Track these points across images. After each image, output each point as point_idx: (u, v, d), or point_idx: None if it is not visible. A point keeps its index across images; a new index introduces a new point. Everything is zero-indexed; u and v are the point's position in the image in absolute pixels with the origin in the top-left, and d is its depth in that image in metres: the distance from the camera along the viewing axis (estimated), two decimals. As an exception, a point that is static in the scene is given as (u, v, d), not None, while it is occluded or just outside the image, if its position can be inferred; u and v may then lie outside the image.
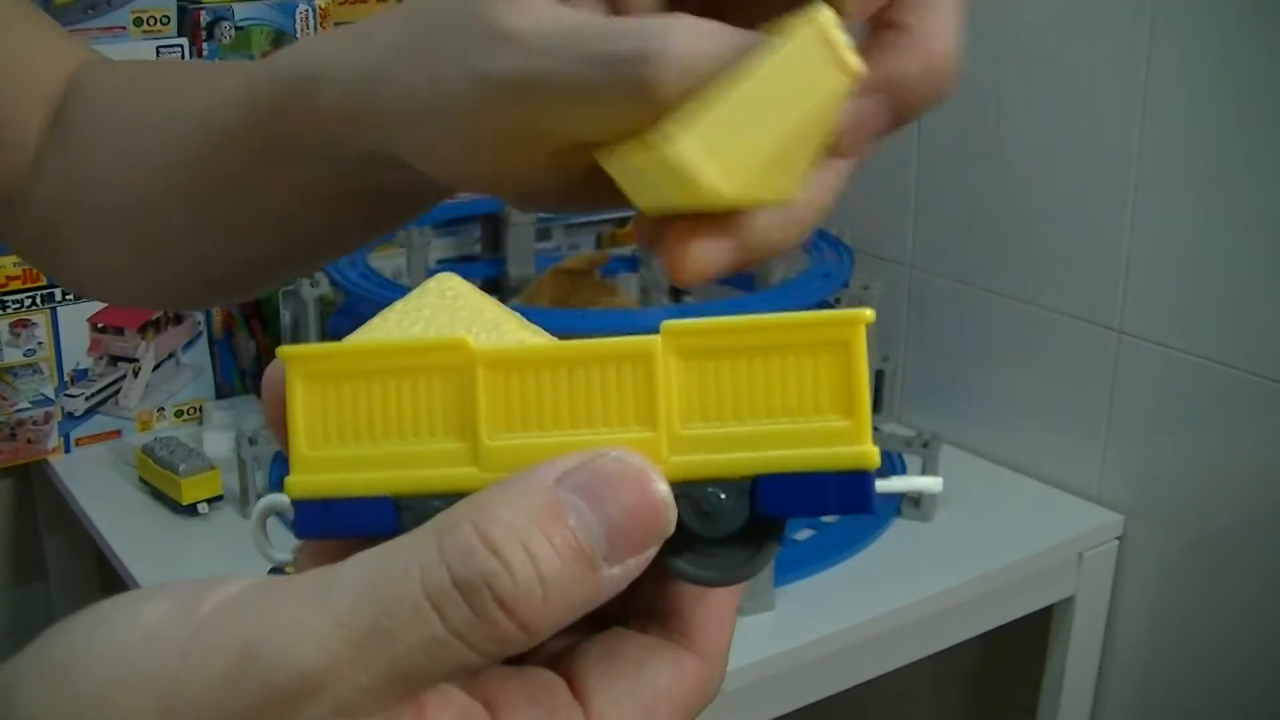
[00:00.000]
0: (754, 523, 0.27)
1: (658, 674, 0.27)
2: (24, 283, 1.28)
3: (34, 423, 1.32)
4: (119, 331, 1.35)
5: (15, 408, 1.30)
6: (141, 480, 1.23)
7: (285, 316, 1.43)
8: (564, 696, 0.26)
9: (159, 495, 1.21)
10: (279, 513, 0.29)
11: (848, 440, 0.26)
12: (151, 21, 1.28)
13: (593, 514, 0.24)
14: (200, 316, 1.40)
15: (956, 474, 1.24)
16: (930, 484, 0.29)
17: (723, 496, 0.26)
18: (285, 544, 0.30)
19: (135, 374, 1.37)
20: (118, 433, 1.36)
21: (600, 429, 0.27)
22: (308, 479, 0.27)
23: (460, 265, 1.53)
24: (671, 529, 0.25)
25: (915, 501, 1.19)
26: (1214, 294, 1.08)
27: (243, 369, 1.43)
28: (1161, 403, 1.14)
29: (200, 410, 1.40)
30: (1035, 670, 1.24)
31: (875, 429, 1.21)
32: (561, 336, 0.28)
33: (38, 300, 1.29)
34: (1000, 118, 1.23)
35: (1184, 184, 1.09)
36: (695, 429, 0.27)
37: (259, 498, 1.19)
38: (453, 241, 1.55)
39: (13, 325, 1.29)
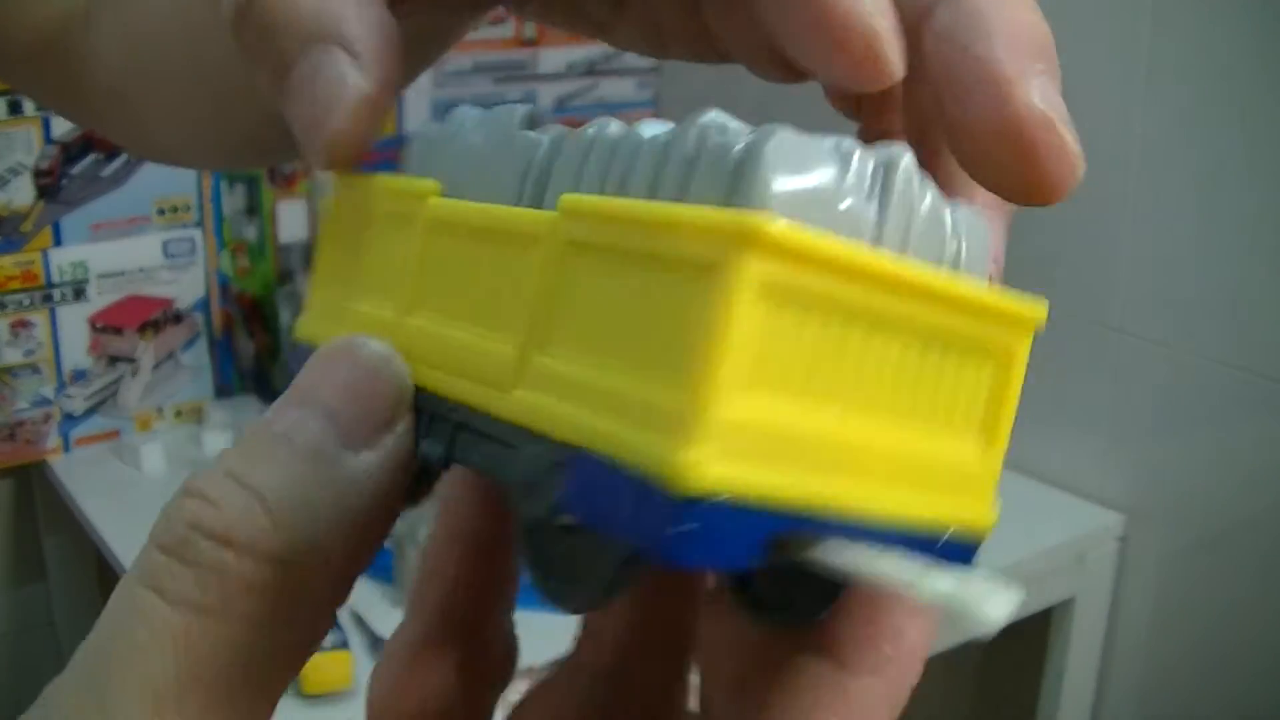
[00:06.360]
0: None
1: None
2: (24, 283, 1.28)
3: (33, 423, 1.32)
4: (118, 331, 1.35)
5: (15, 408, 1.30)
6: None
7: (285, 316, 1.43)
8: None
9: (158, 495, 1.21)
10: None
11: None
12: (151, 21, 1.28)
13: (302, 411, 0.20)
14: (200, 317, 1.40)
15: (956, 474, 1.23)
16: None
17: None
18: None
19: (134, 374, 1.37)
20: (117, 433, 1.36)
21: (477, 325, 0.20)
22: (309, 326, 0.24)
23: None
24: (404, 385, 0.20)
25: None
26: (1214, 294, 1.08)
27: (242, 369, 1.43)
28: (1161, 403, 1.14)
29: (200, 410, 1.40)
30: (1035, 670, 1.24)
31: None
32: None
33: (37, 300, 1.29)
34: (1000, 117, 1.23)
35: (1184, 184, 1.09)
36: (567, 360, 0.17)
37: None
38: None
39: (13, 325, 1.28)
